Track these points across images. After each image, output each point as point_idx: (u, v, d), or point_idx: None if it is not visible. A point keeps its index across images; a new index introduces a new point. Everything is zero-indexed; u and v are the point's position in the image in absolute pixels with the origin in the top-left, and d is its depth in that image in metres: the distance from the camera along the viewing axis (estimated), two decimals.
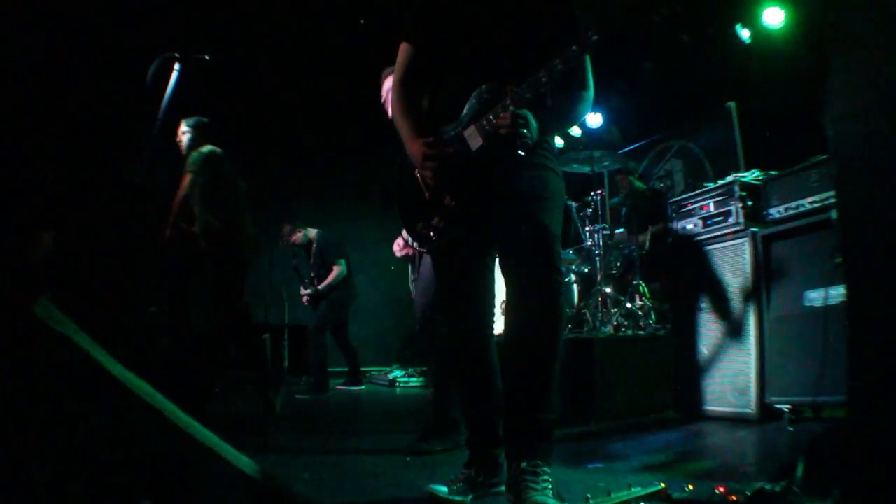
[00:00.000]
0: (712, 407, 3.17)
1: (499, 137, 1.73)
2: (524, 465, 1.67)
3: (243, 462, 1.26)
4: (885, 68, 1.37)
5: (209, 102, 4.47)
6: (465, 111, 1.84)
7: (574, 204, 5.34)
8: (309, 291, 5.97)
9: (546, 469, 1.68)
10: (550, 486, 1.65)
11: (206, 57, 2.94)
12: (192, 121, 4.10)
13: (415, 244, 2.11)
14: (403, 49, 2.00)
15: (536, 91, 1.71)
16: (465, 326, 2.01)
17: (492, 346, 2.02)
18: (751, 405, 2.95)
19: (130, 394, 1.20)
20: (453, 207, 1.84)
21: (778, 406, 2.83)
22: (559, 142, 7.31)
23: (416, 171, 1.91)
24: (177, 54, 2.87)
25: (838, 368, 2.47)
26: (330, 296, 5.91)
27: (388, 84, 3.00)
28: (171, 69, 2.84)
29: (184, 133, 4.09)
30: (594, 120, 7.11)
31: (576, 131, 7.24)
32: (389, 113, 2.63)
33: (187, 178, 3.81)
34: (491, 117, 1.75)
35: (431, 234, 1.90)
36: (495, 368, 1.99)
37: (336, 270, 5.89)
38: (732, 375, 3.08)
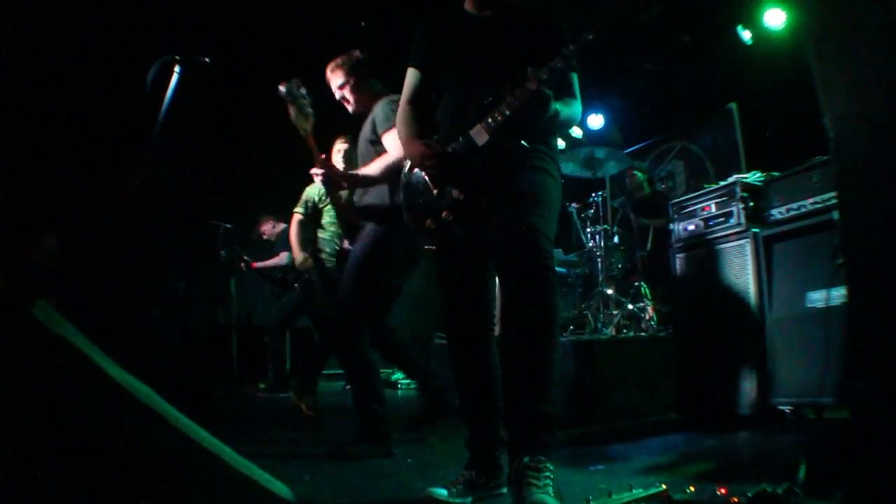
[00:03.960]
0: (714, 408, 3.16)
1: (504, 130, 1.84)
2: (526, 459, 1.67)
3: (276, 485, 1.26)
4: (886, 67, 1.36)
5: (210, 105, 4.48)
6: (471, 116, 1.93)
7: (575, 207, 5.32)
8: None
9: (549, 465, 1.68)
10: (552, 483, 1.65)
11: (207, 59, 2.94)
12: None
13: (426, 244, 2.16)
14: (410, 73, 2.19)
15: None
16: (465, 328, 2.04)
17: (492, 348, 2.04)
18: (752, 406, 2.94)
19: (129, 396, 1.19)
20: (461, 200, 1.92)
21: (780, 407, 2.82)
22: (560, 143, 7.31)
23: (423, 173, 2.00)
24: (177, 57, 2.86)
25: (840, 369, 2.46)
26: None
27: (335, 79, 3.03)
28: (172, 72, 2.84)
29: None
30: (595, 121, 7.10)
31: (577, 132, 7.24)
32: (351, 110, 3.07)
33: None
34: (496, 114, 1.84)
35: (442, 227, 1.95)
36: (496, 370, 2.01)
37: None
38: (734, 377, 3.07)
